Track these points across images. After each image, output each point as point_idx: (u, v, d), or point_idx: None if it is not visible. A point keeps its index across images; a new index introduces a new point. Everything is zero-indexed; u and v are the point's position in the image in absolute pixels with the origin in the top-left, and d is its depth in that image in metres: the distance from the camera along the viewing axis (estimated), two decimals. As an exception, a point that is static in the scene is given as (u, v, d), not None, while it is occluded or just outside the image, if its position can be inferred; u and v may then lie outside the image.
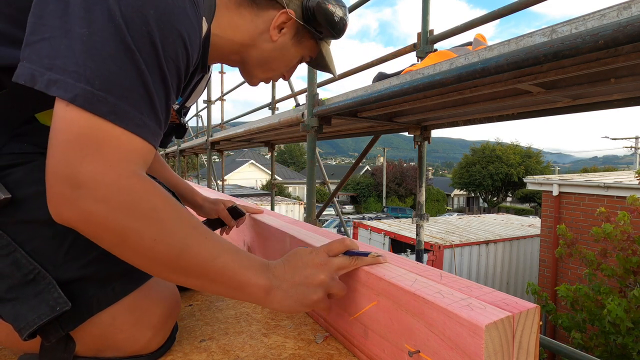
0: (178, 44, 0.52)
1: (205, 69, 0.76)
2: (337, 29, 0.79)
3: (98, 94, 0.45)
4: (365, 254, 0.62)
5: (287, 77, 0.88)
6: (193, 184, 2.03)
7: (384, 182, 31.98)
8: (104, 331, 0.59)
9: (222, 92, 5.75)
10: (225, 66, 5.64)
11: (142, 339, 0.62)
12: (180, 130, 0.89)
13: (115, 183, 0.46)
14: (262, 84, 0.86)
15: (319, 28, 0.77)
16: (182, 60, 0.54)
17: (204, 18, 0.61)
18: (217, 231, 1.06)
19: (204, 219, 1.05)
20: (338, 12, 0.77)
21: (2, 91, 0.54)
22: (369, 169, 37.78)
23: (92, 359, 0.61)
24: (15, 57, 0.48)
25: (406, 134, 2.73)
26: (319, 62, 0.87)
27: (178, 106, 0.84)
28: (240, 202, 1.20)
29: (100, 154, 0.46)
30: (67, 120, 0.45)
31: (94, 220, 0.47)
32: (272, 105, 4.23)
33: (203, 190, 1.79)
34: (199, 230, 0.53)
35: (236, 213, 1.05)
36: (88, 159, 0.45)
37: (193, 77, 0.77)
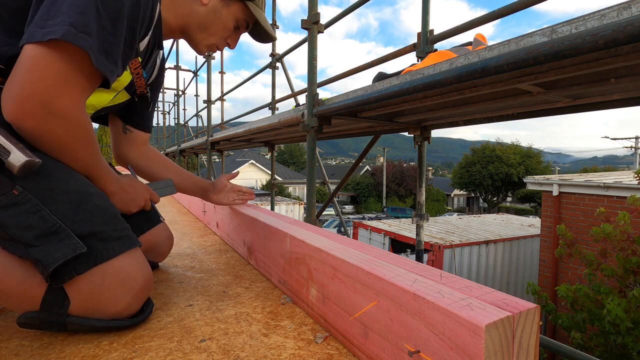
0: (135, 10, 0.71)
1: (160, 46, 0.95)
2: None
3: (80, 35, 0.63)
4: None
5: (232, 45, 1.02)
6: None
7: (384, 182, 31.97)
8: (94, 289, 0.71)
9: (222, 92, 5.74)
10: (224, 66, 5.65)
11: (123, 300, 0.74)
12: (145, 101, 1.08)
13: (75, 119, 0.70)
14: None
15: None
16: (137, 23, 0.73)
17: (158, 2, 0.80)
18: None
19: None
20: None
21: None
22: (369, 169, 37.77)
23: (81, 318, 0.72)
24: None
25: (406, 134, 2.73)
26: (258, 30, 1.02)
27: (146, 80, 1.01)
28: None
29: (71, 95, 0.67)
30: (50, 56, 0.62)
31: (51, 135, 0.69)
32: (272, 105, 4.23)
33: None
34: (98, 154, 0.82)
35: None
36: (63, 96, 0.66)
37: (152, 52, 0.94)
